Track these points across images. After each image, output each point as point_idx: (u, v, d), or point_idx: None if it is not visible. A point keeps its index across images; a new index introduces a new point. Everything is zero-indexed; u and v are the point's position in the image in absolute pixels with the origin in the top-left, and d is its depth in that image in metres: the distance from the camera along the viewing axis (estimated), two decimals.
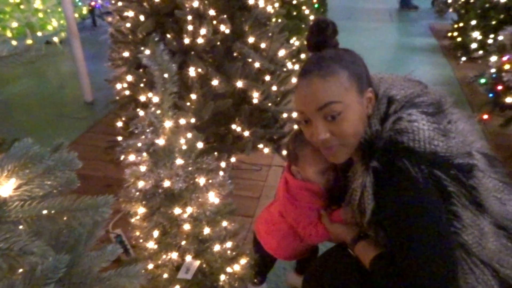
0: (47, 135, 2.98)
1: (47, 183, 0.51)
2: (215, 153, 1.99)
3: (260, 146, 2.08)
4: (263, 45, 1.99)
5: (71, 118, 3.30)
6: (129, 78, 1.96)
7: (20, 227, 0.43)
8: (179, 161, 1.26)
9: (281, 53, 2.15)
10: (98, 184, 2.31)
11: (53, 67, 4.51)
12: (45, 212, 0.44)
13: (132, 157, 1.29)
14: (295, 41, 3.66)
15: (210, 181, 1.34)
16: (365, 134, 0.97)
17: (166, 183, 1.26)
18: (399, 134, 0.93)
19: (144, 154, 1.26)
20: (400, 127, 0.93)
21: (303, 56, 3.66)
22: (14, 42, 4.39)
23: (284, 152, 2.08)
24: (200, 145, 1.35)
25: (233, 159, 2.17)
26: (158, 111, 1.24)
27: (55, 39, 4.70)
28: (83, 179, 0.71)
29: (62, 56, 4.72)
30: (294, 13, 3.75)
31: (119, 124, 2.11)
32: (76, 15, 4.77)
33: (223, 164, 2.01)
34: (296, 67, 2.53)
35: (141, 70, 2.01)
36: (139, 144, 1.25)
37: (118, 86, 2.08)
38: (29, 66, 4.40)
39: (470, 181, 0.94)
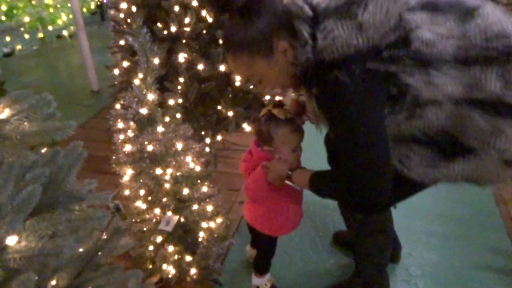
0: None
1: (33, 117, 0.72)
2: (202, 132, 2.20)
3: (244, 125, 2.28)
4: None
5: (79, 105, 3.56)
6: (125, 64, 2.17)
7: None
8: (160, 129, 1.47)
9: None
10: (101, 163, 2.54)
11: (63, 59, 4.77)
12: (27, 129, 0.65)
13: (120, 125, 1.51)
14: None
15: (187, 146, 1.54)
16: (299, 66, 1.02)
17: (149, 148, 1.46)
18: (321, 53, 0.96)
19: (131, 122, 1.47)
20: (322, 46, 0.96)
21: None
22: (26, 36, 4.67)
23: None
24: (178, 115, 1.55)
25: (219, 138, 2.37)
26: (142, 85, 1.45)
27: (65, 33, 4.95)
28: (87, 159, 0.92)
29: (72, 49, 4.97)
30: None
31: (118, 106, 2.32)
32: (84, 9, 5.01)
33: (208, 140, 2.23)
34: None
35: (137, 57, 2.21)
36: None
37: (116, 71, 2.30)
38: (41, 58, 4.67)
39: (411, 47, 0.94)
